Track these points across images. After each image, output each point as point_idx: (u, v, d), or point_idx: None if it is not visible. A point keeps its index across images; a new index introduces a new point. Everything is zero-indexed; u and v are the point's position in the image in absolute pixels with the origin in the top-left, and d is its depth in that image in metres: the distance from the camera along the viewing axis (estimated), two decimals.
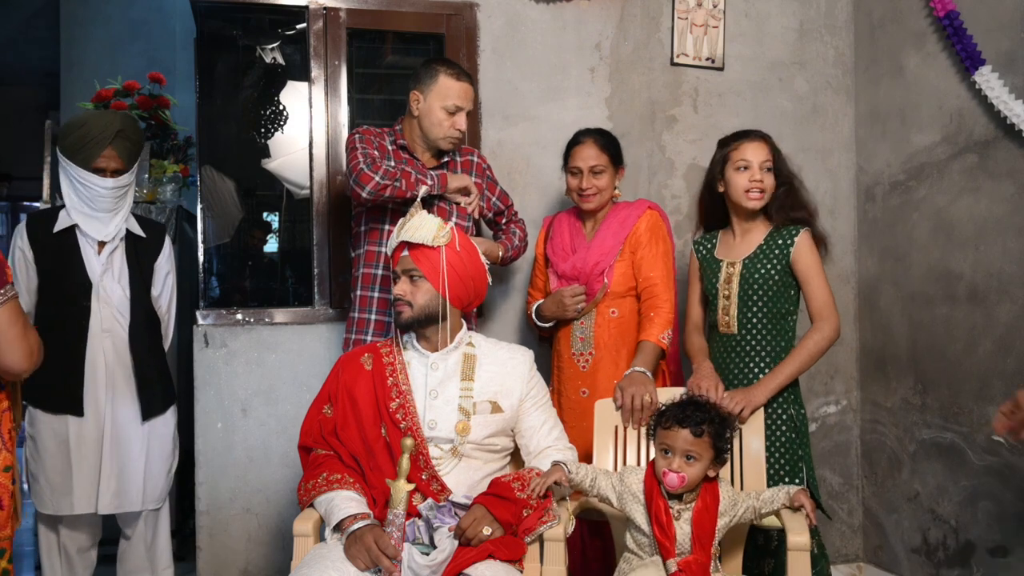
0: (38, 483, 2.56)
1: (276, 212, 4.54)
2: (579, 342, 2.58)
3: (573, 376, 2.57)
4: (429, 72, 2.52)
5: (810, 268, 2.33)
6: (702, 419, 1.94)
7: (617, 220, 2.60)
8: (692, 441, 1.92)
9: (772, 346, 2.37)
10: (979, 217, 2.83)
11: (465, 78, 2.53)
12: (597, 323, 2.56)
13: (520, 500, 1.94)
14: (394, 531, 1.85)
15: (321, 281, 3.04)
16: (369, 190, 2.36)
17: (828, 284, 2.36)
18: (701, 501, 1.94)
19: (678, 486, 1.92)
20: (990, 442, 2.78)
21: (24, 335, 1.74)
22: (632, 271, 2.56)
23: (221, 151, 4.17)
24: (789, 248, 2.34)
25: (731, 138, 2.44)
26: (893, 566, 3.22)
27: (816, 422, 3.38)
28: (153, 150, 3.55)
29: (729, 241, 2.47)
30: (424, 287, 2.07)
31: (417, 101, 2.53)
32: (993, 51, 2.77)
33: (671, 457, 1.93)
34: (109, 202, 2.53)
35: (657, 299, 2.51)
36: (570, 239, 2.66)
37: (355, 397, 2.09)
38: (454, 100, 2.49)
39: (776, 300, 2.36)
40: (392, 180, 2.37)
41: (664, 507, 1.93)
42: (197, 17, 3.48)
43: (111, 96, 3.48)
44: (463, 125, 2.53)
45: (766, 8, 3.39)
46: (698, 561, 1.89)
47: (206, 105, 3.44)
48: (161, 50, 4.50)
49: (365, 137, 2.52)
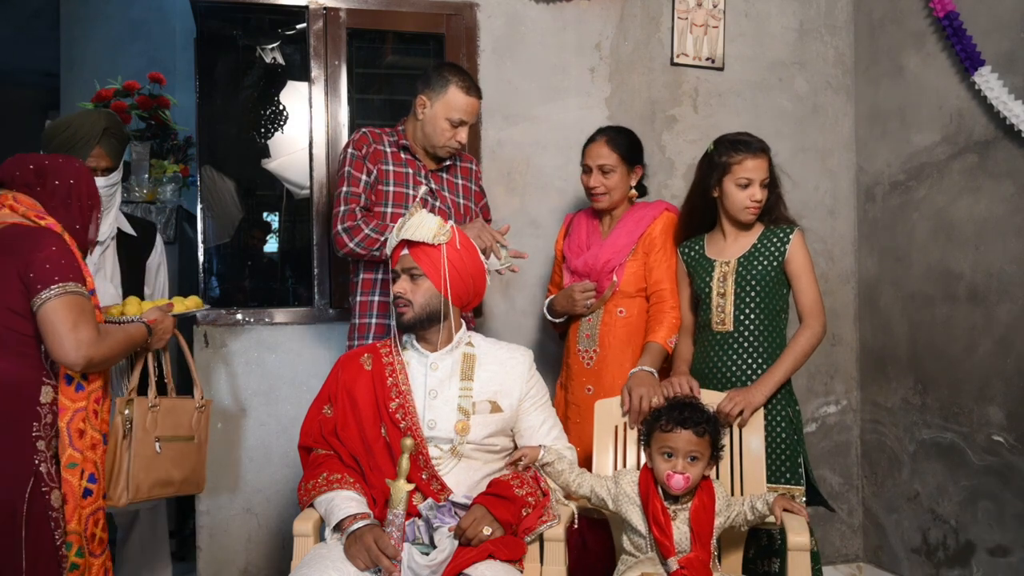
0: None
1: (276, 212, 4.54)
2: (585, 339, 2.59)
3: (579, 373, 2.58)
4: (440, 80, 2.49)
5: (802, 268, 2.36)
6: (700, 419, 1.96)
7: (633, 219, 2.61)
8: (696, 442, 1.94)
9: (767, 343, 2.38)
10: (979, 217, 2.83)
11: (475, 93, 2.52)
12: (604, 321, 2.57)
13: (519, 499, 1.95)
14: (394, 531, 1.85)
15: (321, 281, 3.04)
16: (343, 254, 2.45)
17: (817, 284, 2.38)
18: (698, 500, 1.95)
19: (684, 487, 1.93)
20: (990, 442, 2.78)
21: (74, 329, 1.82)
22: (643, 271, 2.56)
23: (221, 151, 4.16)
24: (784, 247, 2.36)
25: (733, 148, 2.38)
26: (893, 566, 3.22)
27: (816, 422, 3.38)
28: (153, 150, 3.55)
29: (719, 242, 2.48)
30: (424, 285, 2.07)
31: (424, 106, 2.51)
32: (993, 51, 2.77)
33: (674, 459, 1.94)
34: (105, 200, 2.50)
35: (665, 303, 2.52)
36: (586, 236, 2.68)
37: (355, 397, 2.09)
38: (460, 114, 2.48)
39: (770, 298, 2.38)
40: (370, 249, 2.40)
41: (662, 508, 1.94)
42: (197, 17, 3.48)
43: (111, 96, 3.48)
44: (464, 138, 2.53)
45: (766, 8, 3.39)
46: (699, 558, 1.89)
47: (206, 105, 3.44)
48: (161, 50, 4.49)
49: (357, 154, 2.50)
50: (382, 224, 2.43)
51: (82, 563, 1.89)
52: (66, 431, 1.90)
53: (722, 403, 2.28)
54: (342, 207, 2.45)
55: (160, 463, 2.21)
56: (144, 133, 3.51)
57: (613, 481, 2.06)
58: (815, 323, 2.34)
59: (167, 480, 2.22)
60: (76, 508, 1.89)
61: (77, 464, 1.91)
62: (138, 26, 4.63)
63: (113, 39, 4.60)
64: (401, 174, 2.54)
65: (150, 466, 2.18)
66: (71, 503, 1.89)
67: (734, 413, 2.25)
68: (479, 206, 2.72)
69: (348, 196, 2.46)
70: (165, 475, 2.21)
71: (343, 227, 2.42)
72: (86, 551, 1.91)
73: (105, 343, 1.92)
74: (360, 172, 2.48)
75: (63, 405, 1.91)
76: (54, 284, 1.84)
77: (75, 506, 1.89)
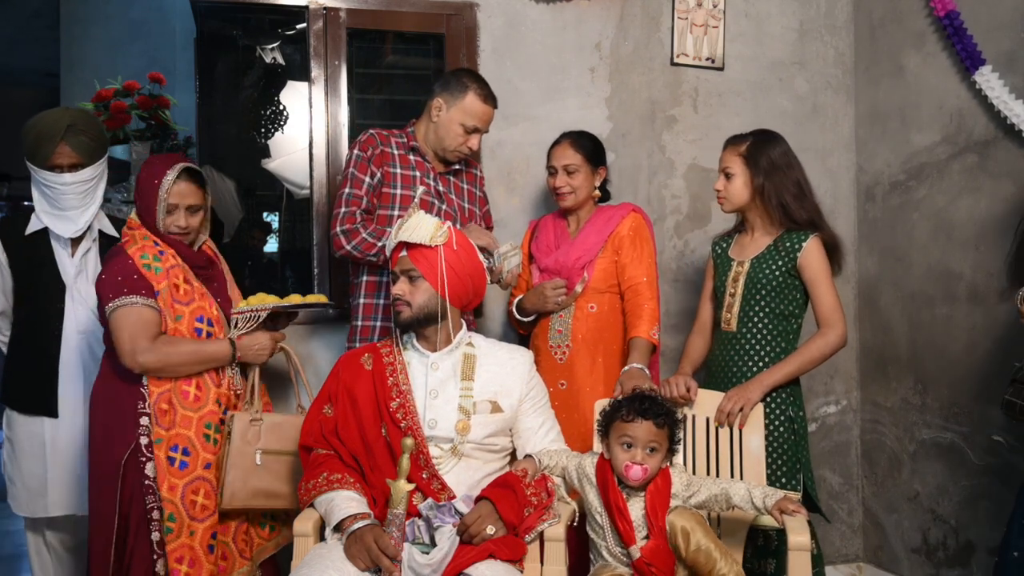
0: (15, 485, 2.57)
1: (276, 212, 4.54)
2: (557, 335, 2.63)
3: (551, 369, 2.61)
4: (459, 85, 2.51)
5: (817, 274, 2.34)
6: (660, 411, 1.99)
7: (602, 219, 2.68)
8: (655, 432, 1.96)
9: (772, 346, 2.37)
10: (979, 217, 2.83)
11: (492, 102, 2.54)
12: (576, 317, 2.62)
13: (525, 497, 1.95)
14: (394, 531, 1.85)
15: (321, 281, 3.04)
16: (339, 255, 2.45)
17: (836, 291, 2.37)
18: (653, 485, 1.97)
19: (642, 479, 1.95)
20: (990, 442, 2.78)
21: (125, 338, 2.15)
22: (614, 269, 2.62)
23: (221, 151, 4.17)
24: (797, 252, 2.35)
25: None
26: (893, 566, 3.22)
27: (816, 422, 3.38)
28: (153, 150, 3.55)
29: (743, 241, 2.51)
30: (423, 287, 2.08)
31: (439, 109, 2.52)
32: (993, 51, 2.77)
33: (634, 450, 1.96)
34: (73, 199, 2.48)
35: (642, 296, 2.57)
36: (555, 236, 2.74)
37: (355, 397, 2.09)
38: (475, 121, 2.51)
39: (778, 300, 2.37)
40: (366, 254, 2.41)
41: (620, 497, 1.97)
42: (197, 17, 3.48)
43: (111, 96, 3.47)
44: (476, 145, 2.56)
45: (766, 8, 3.39)
46: (659, 546, 1.91)
47: (206, 105, 3.45)
48: (161, 50, 4.49)
49: (363, 156, 2.50)
50: (380, 229, 2.43)
51: (175, 526, 2.16)
52: (152, 411, 2.18)
53: (722, 403, 2.29)
54: (343, 208, 2.45)
55: (260, 474, 2.26)
56: (144, 133, 3.50)
57: (578, 460, 2.10)
58: (831, 331, 2.33)
59: (271, 492, 2.28)
60: (166, 478, 2.16)
61: (163, 440, 2.18)
62: (138, 26, 4.63)
63: (113, 39, 4.59)
64: (408, 177, 2.54)
65: (248, 476, 2.25)
66: (160, 474, 2.16)
67: (734, 412, 2.26)
68: (482, 212, 2.74)
69: (349, 198, 2.46)
70: (268, 486, 2.27)
71: (341, 229, 2.42)
72: (184, 515, 2.17)
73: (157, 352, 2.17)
74: (364, 174, 2.48)
75: (151, 390, 2.19)
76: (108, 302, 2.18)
77: (164, 476, 2.16)
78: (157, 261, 2.24)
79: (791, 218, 2.38)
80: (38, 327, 2.52)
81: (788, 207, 2.37)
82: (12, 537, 4.01)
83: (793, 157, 2.43)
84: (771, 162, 2.39)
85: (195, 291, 2.30)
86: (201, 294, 2.32)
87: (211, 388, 2.27)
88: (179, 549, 2.17)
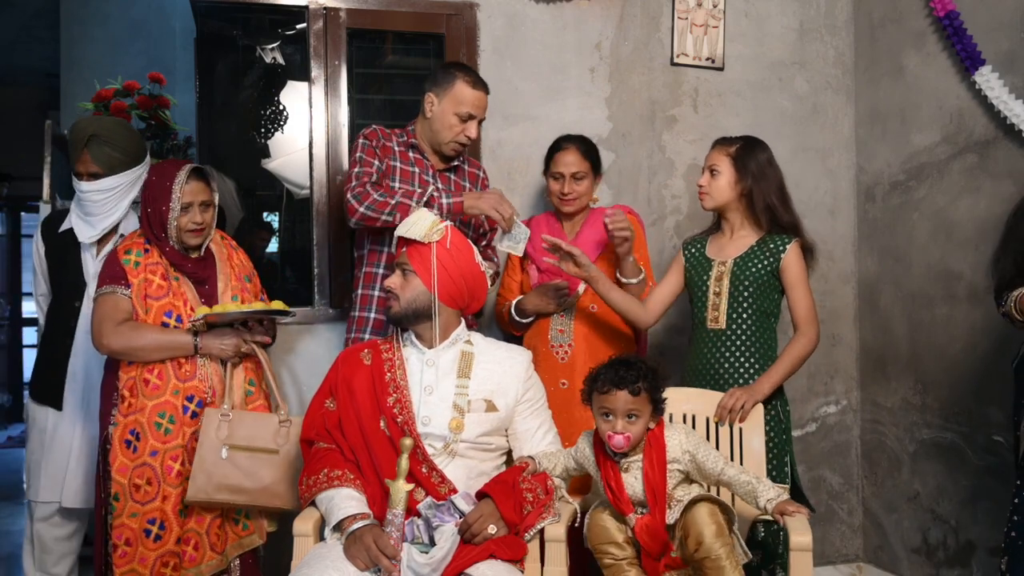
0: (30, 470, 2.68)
1: (276, 212, 4.54)
2: (559, 335, 2.64)
3: (552, 368, 2.62)
4: (447, 76, 2.52)
5: (798, 277, 2.41)
6: (636, 377, 1.95)
7: (599, 221, 2.67)
8: (631, 400, 1.94)
9: (759, 343, 2.43)
10: (979, 217, 2.83)
11: (481, 87, 2.54)
12: (577, 317, 2.65)
13: (521, 492, 1.95)
14: (393, 531, 1.85)
15: (321, 281, 3.04)
16: (355, 221, 2.41)
17: (811, 294, 2.44)
18: (647, 458, 1.96)
19: (624, 447, 1.94)
20: (990, 442, 2.78)
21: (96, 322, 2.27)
22: (612, 269, 2.63)
23: (221, 151, 4.17)
24: (780, 254, 2.41)
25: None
26: (893, 566, 3.22)
27: (816, 422, 3.39)
28: (153, 150, 3.55)
29: (720, 242, 2.53)
30: (413, 282, 2.08)
31: (431, 103, 2.53)
32: (993, 51, 2.77)
33: (613, 420, 1.95)
34: (93, 206, 2.53)
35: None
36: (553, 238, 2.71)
37: (353, 391, 2.09)
38: (468, 108, 2.51)
39: (761, 299, 2.43)
40: (381, 212, 2.37)
41: (613, 469, 1.98)
42: (197, 17, 3.48)
43: (111, 96, 3.48)
44: (474, 133, 2.55)
45: (766, 8, 3.39)
46: (655, 520, 1.92)
47: (206, 105, 3.44)
48: (161, 50, 4.49)
49: (369, 143, 2.53)
50: (392, 190, 2.44)
51: (119, 505, 2.23)
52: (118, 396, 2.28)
53: (723, 399, 2.32)
54: (354, 182, 2.44)
55: (226, 470, 2.25)
56: (144, 133, 3.51)
57: (576, 447, 2.10)
58: (810, 331, 2.40)
59: (235, 487, 2.27)
60: (118, 458, 2.24)
61: (119, 424, 2.26)
62: (138, 26, 4.63)
63: (113, 39, 4.60)
64: (408, 172, 2.56)
65: (213, 471, 2.24)
66: (114, 455, 2.25)
67: (736, 407, 2.28)
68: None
69: (360, 174, 2.46)
70: (233, 482, 2.26)
71: (353, 194, 2.40)
72: (127, 497, 2.23)
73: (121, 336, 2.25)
74: (372, 158, 2.51)
75: (121, 375, 2.28)
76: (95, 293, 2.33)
77: (116, 457, 2.24)
78: (139, 256, 2.32)
79: (777, 221, 2.44)
80: (59, 322, 2.64)
81: (776, 210, 2.44)
82: (12, 537, 4.01)
83: (776, 164, 2.49)
84: (759, 167, 2.44)
85: (171, 288, 2.33)
86: (177, 293, 2.33)
87: (171, 379, 2.28)
88: (120, 528, 2.23)
